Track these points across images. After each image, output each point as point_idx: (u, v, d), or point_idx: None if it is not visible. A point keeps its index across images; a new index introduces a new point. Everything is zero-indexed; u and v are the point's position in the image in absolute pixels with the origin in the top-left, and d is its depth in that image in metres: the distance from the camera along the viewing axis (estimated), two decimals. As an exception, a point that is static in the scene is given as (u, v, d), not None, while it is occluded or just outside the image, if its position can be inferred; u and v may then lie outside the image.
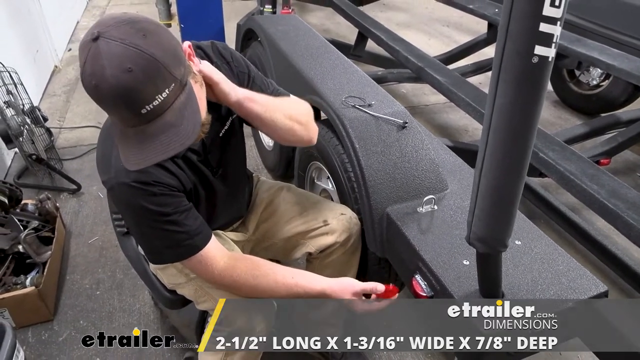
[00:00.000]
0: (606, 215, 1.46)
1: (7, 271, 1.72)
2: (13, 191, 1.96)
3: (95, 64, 0.78)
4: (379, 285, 1.08)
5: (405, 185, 1.34)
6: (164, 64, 0.80)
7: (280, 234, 1.40)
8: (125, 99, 0.79)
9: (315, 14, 5.30)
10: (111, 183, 0.98)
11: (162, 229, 1.01)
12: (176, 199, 1.03)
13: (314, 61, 1.82)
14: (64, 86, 3.62)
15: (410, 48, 2.62)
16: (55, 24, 3.95)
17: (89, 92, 0.82)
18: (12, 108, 2.34)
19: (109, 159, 0.99)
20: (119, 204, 1.03)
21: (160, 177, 1.00)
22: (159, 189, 0.99)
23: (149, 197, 0.98)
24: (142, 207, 0.98)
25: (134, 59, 0.77)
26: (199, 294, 1.20)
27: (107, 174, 0.99)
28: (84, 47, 0.79)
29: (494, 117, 0.77)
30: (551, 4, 0.66)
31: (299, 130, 1.17)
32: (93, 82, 0.78)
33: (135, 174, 0.96)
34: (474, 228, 0.90)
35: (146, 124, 0.83)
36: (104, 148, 1.03)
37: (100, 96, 0.80)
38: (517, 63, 0.71)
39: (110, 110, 0.84)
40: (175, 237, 1.03)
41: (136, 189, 0.97)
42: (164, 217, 1.00)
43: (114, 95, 0.78)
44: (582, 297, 1.05)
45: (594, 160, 1.90)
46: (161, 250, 1.06)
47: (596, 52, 2.28)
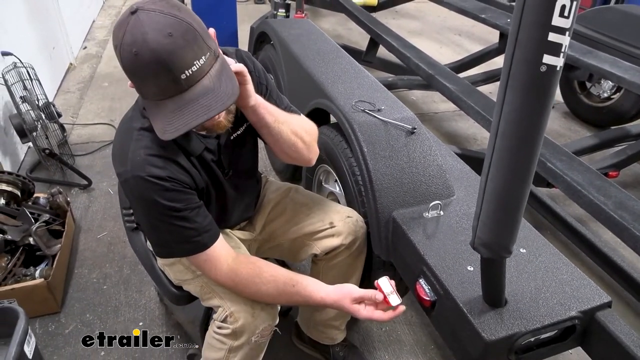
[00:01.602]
0: (612, 227, 1.46)
1: (17, 262, 1.75)
2: (26, 184, 1.99)
3: (137, 32, 0.82)
4: (377, 294, 1.08)
5: (412, 190, 1.35)
6: (200, 32, 0.85)
7: (287, 234, 1.41)
8: (167, 63, 0.83)
9: (327, 20, 5.33)
10: (126, 175, 1.00)
11: (172, 224, 1.03)
12: (188, 196, 1.05)
13: (325, 65, 1.84)
14: (78, 83, 3.68)
15: (422, 55, 2.63)
16: (71, 23, 4.02)
17: (127, 63, 0.85)
18: (28, 103, 2.39)
19: (126, 152, 1.01)
20: (132, 196, 1.04)
21: (174, 174, 1.02)
22: (172, 185, 1.01)
23: (162, 192, 1.00)
24: (154, 201, 1.00)
25: (174, 25, 0.83)
26: (205, 290, 1.22)
27: (122, 166, 1.01)
28: (123, 22, 0.84)
29: (502, 124, 0.78)
30: (560, 15, 0.67)
31: (302, 149, 1.20)
32: (134, 49, 0.82)
33: (150, 169, 0.98)
34: (479, 233, 0.91)
35: (185, 91, 0.86)
36: (122, 141, 1.05)
37: (141, 64, 0.83)
38: (526, 71, 0.72)
39: (149, 78, 0.86)
40: (185, 233, 1.05)
41: (150, 182, 0.99)
42: (175, 212, 1.02)
43: (156, 60, 0.82)
44: (585, 307, 1.05)
45: (602, 173, 1.89)
46: (170, 244, 1.08)
47: (607, 65, 2.28)
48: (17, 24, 2.91)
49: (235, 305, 1.13)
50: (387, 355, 1.70)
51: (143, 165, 0.98)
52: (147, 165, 0.98)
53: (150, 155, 1.00)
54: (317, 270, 1.47)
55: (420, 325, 1.82)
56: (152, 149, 1.00)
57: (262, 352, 1.24)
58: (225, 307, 1.14)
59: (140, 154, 0.99)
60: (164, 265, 1.32)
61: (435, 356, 1.71)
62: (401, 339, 1.76)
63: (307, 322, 1.61)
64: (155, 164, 0.99)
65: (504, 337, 0.98)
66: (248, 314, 1.12)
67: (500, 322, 1.00)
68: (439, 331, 1.20)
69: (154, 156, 1.00)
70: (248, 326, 1.12)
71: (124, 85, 3.64)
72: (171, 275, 1.31)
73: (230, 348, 1.15)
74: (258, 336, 1.14)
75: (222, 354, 1.17)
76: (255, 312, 1.13)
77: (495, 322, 1.00)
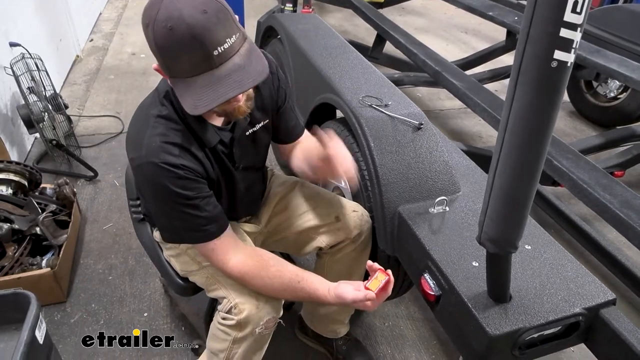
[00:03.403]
0: (618, 225, 1.46)
1: (24, 252, 1.76)
2: (33, 174, 2.01)
3: (172, 8, 0.84)
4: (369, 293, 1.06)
5: (418, 186, 1.35)
6: (230, 13, 0.89)
7: (292, 228, 1.42)
8: (201, 38, 0.85)
9: (334, 15, 5.32)
10: (140, 161, 1.01)
11: (182, 212, 1.05)
12: (199, 185, 1.06)
13: (332, 60, 1.84)
14: (84, 75, 3.69)
15: (428, 52, 2.63)
16: (78, 15, 4.03)
17: (161, 39, 0.86)
18: (35, 94, 2.40)
19: (142, 138, 1.02)
20: (144, 182, 1.06)
21: (188, 162, 1.04)
22: (184, 173, 1.02)
23: (174, 179, 1.01)
24: (166, 187, 1.01)
25: (207, 3, 0.86)
26: (210, 281, 1.23)
27: (137, 152, 1.02)
28: (156, 1, 0.86)
29: (511, 119, 0.78)
30: (572, 10, 0.67)
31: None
32: (169, 25, 0.84)
33: (165, 156, 1.00)
34: (485, 228, 0.91)
35: (216, 68, 0.88)
36: (138, 126, 1.06)
37: (176, 39, 0.85)
38: (536, 67, 0.72)
39: (182, 54, 0.87)
40: (195, 221, 1.07)
41: (164, 169, 1.00)
42: (186, 200, 1.04)
43: (191, 34, 0.84)
44: (590, 304, 1.06)
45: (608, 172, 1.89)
46: (180, 231, 1.09)
47: (615, 64, 2.27)
48: (26, 16, 2.92)
49: (240, 296, 1.14)
50: (389, 349, 1.71)
51: (158, 151, 1.00)
52: (161, 152, 1.00)
53: (165, 143, 1.01)
54: (321, 264, 1.48)
55: (424, 320, 1.83)
56: (168, 136, 1.02)
57: (265, 343, 1.25)
58: (230, 298, 1.15)
59: (156, 141, 1.01)
60: (169, 257, 1.33)
61: (437, 351, 1.71)
62: (404, 334, 1.77)
63: (311, 316, 1.62)
64: (170, 152, 1.01)
65: (508, 332, 0.99)
66: (253, 306, 1.13)
67: (505, 318, 1.01)
68: (443, 326, 1.20)
69: (169, 144, 1.02)
70: (252, 318, 1.12)
71: (130, 78, 3.66)
72: (177, 266, 1.32)
73: (234, 339, 1.16)
74: (262, 328, 1.15)
75: (226, 345, 1.18)
76: (259, 304, 1.14)
77: (500, 317, 1.01)
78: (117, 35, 4.50)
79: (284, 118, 1.30)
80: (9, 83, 2.45)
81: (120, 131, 2.94)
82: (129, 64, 3.93)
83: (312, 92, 1.84)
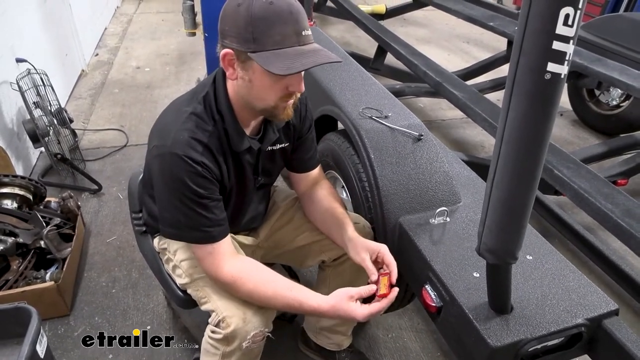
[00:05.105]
0: (620, 234, 1.46)
1: (28, 265, 1.78)
2: (38, 188, 2.02)
3: None
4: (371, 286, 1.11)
5: (418, 197, 1.36)
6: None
7: (294, 242, 1.42)
8: (297, 15, 0.97)
9: (336, 27, 5.37)
10: (163, 150, 1.04)
11: (190, 208, 1.07)
12: (213, 186, 1.09)
13: (333, 72, 1.86)
14: (89, 89, 3.73)
15: (429, 63, 2.65)
16: (84, 30, 4.09)
17: (259, 10, 0.94)
18: (41, 109, 2.43)
19: (171, 129, 1.06)
20: (161, 172, 1.08)
21: (208, 162, 1.07)
22: (203, 170, 1.05)
23: (192, 175, 1.04)
24: (182, 181, 1.04)
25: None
26: (201, 294, 1.22)
27: (163, 141, 1.06)
28: None
29: (507, 130, 0.79)
30: (564, 23, 0.68)
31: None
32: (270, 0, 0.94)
33: (189, 150, 1.03)
34: (484, 239, 0.91)
35: (303, 45, 0.98)
36: (168, 118, 1.10)
37: (275, 10, 0.95)
38: (530, 79, 0.73)
39: (277, 25, 0.95)
40: (199, 220, 1.08)
41: (185, 162, 1.03)
42: (197, 197, 1.06)
43: (289, 10, 0.96)
44: (592, 315, 1.05)
45: (611, 181, 1.89)
46: (182, 227, 1.10)
47: (616, 72, 2.27)
48: (33, 32, 2.97)
49: (228, 310, 1.13)
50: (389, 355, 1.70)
51: (184, 145, 1.03)
52: (187, 147, 1.03)
53: (193, 139, 1.05)
54: (324, 276, 1.48)
55: (427, 332, 1.81)
56: (197, 134, 1.06)
57: (255, 358, 1.24)
58: (218, 311, 1.14)
59: (184, 135, 1.04)
60: (169, 270, 1.34)
61: (438, 356, 1.70)
62: (407, 346, 1.76)
63: (313, 328, 1.62)
64: (195, 148, 1.04)
65: (509, 343, 0.98)
66: (240, 319, 1.11)
67: (506, 329, 1.00)
68: (444, 337, 1.19)
69: (196, 140, 1.05)
70: (239, 331, 1.11)
71: (135, 91, 3.70)
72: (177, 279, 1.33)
73: (223, 353, 1.16)
74: (249, 342, 1.13)
75: (217, 358, 1.18)
76: (246, 318, 1.12)
77: (501, 329, 1.00)
78: (122, 50, 4.56)
79: (302, 147, 1.33)
80: (15, 98, 2.49)
81: (125, 144, 2.96)
82: (133, 77, 3.98)
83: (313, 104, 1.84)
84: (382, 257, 1.17)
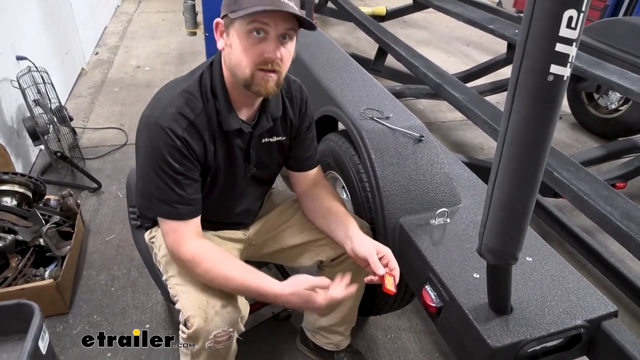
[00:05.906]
0: (619, 237, 1.46)
1: (27, 263, 1.77)
2: (37, 186, 2.02)
3: None
4: (324, 278, 1.11)
5: (419, 197, 1.36)
6: None
7: (289, 240, 1.42)
8: None
9: (336, 28, 5.37)
10: (150, 120, 1.08)
11: (163, 180, 1.08)
12: (191, 165, 1.10)
13: (334, 73, 1.86)
14: (89, 88, 3.73)
15: (429, 65, 2.65)
16: (84, 29, 4.09)
17: None
18: (41, 106, 2.43)
19: (163, 102, 1.09)
20: (145, 139, 1.09)
21: (190, 139, 1.08)
22: (182, 146, 1.07)
23: (170, 148, 1.06)
24: (159, 151, 1.06)
25: None
26: (173, 292, 1.22)
27: (152, 111, 1.09)
28: None
29: (509, 132, 0.79)
30: (568, 26, 0.68)
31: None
32: None
33: (173, 124, 1.05)
34: (485, 240, 0.91)
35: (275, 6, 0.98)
36: (164, 92, 1.13)
37: None
38: (533, 80, 0.73)
39: None
40: (169, 195, 1.09)
41: (166, 135, 1.05)
42: (171, 170, 1.07)
43: None
44: (591, 316, 1.06)
45: (610, 184, 1.89)
46: (152, 199, 1.11)
47: (615, 76, 2.28)
48: (33, 30, 2.97)
49: (192, 309, 1.12)
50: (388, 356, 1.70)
51: (169, 118, 1.06)
52: (172, 120, 1.06)
53: (179, 114, 1.07)
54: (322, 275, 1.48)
55: (426, 332, 1.82)
56: (184, 110, 1.08)
57: (224, 359, 1.21)
58: (184, 310, 1.14)
59: (172, 109, 1.07)
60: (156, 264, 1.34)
61: (437, 357, 1.70)
62: (406, 347, 1.76)
63: (312, 328, 1.62)
64: (180, 123, 1.07)
65: (509, 344, 0.98)
66: (201, 319, 1.10)
67: (506, 329, 1.01)
68: (444, 337, 1.20)
69: (182, 116, 1.07)
70: (201, 331, 1.10)
71: (135, 90, 3.70)
72: None
73: (192, 353, 1.16)
74: (211, 342, 1.11)
75: (188, 358, 1.18)
76: (208, 317, 1.10)
77: (501, 329, 1.01)
78: (122, 49, 4.56)
79: (301, 145, 1.33)
80: (15, 96, 2.49)
81: (124, 143, 2.96)
82: (133, 76, 3.98)
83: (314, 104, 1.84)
84: (386, 261, 1.17)
